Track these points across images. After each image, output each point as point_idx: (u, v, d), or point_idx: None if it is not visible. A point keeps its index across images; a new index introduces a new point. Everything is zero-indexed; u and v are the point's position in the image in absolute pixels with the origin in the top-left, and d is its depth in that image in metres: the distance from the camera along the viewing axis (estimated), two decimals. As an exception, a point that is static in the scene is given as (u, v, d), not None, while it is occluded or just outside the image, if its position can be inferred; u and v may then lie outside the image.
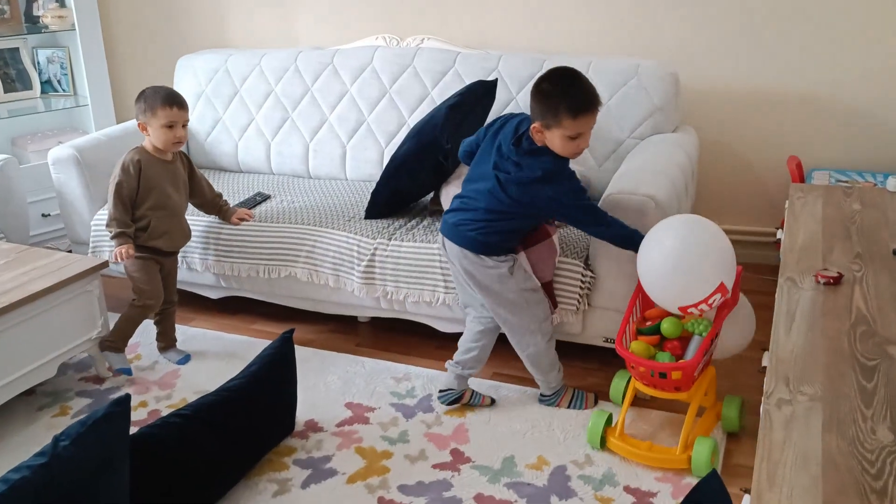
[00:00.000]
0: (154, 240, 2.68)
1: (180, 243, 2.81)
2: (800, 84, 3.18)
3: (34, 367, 2.47)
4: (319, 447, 2.34)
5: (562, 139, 2.12)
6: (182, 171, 2.76)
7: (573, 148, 2.15)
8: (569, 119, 2.09)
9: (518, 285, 2.32)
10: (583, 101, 2.11)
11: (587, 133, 2.14)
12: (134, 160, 2.62)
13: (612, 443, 2.25)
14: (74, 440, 1.68)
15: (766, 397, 1.53)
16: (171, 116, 2.59)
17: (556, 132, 2.11)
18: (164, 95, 2.61)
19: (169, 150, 2.66)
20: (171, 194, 2.69)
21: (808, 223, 2.36)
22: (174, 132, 2.61)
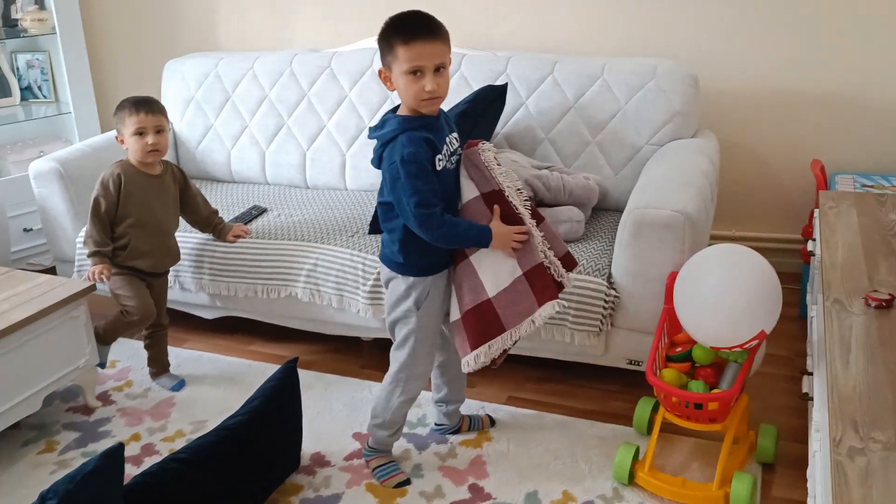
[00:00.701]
0: (133, 260, 2.52)
1: (165, 264, 2.63)
2: (822, 84, 3.04)
3: (17, 401, 2.29)
4: (328, 484, 2.17)
5: (403, 78, 1.82)
6: (171, 186, 2.59)
7: (417, 89, 1.82)
8: (402, 47, 1.80)
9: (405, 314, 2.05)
10: (415, 25, 1.83)
11: (428, 69, 1.81)
12: (114, 175, 2.46)
13: (641, 479, 2.09)
14: (62, 498, 1.52)
15: (834, 445, 1.38)
16: (140, 122, 2.42)
17: (395, 70, 1.84)
18: (132, 101, 2.46)
19: (144, 159, 2.47)
20: (155, 211, 2.52)
21: (845, 236, 2.22)
22: (145, 139, 2.43)
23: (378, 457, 2.21)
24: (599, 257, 2.45)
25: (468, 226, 1.93)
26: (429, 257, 1.99)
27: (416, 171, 1.85)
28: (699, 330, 1.98)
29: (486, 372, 2.64)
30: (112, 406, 2.58)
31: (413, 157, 1.85)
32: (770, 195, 3.23)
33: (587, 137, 2.86)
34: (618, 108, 2.82)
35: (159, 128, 2.46)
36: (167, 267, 2.65)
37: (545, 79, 2.89)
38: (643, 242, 2.25)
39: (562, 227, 2.55)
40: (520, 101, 2.91)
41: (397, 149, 1.87)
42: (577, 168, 2.85)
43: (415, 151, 1.85)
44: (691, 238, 2.24)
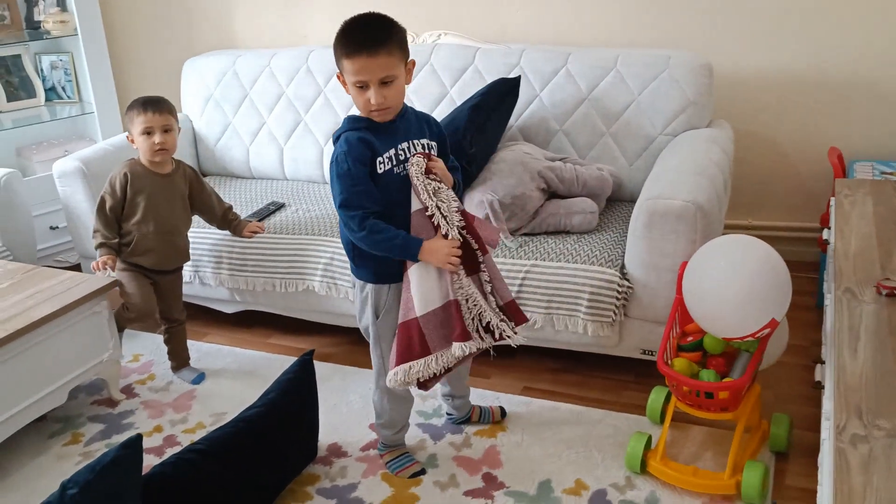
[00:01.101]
0: (137, 256, 2.55)
1: (171, 262, 2.64)
2: (840, 71, 3.00)
3: (44, 394, 2.35)
4: (344, 474, 2.21)
5: (352, 89, 1.84)
6: (181, 185, 2.60)
7: (364, 101, 1.83)
8: (345, 60, 1.80)
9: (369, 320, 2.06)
10: (360, 38, 1.79)
11: (373, 82, 1.79)
12: (121, 175, 2.50)
13: (653, 467, 2.10)
14: (83, 488, 1.57)
15: (837, 433, 1.39)
16: (148, 121, 2.45)
17: (345, 77, 1.85)
18: (141, 101, 2.49)
19: (151, 158, 2.50)
20: (161, 210, 2.54)
21: (859, 225, 2.21)
22: (152, 139, 2.46)
23: (391, 450, 2.24)
24: (613, 248, 2.45)
25: (395, 234, 1.87)
26: (379, 264, 1.95)
27: (344, 171, 1.85)
28: (708, 321, 1.98)
29: (500, 362, 2.68)
30: (135, 399, 2.64)
31: (344, 157, 1.85)
32: (787, 184, 3.21)
33: (601, 129, 2.86)
34: (631, 99, 2.82)
35: (167, 127, 2.48)
36: (173, 265, 2.66)
37: (559, 71, 2.90)
38: (655, 233, 2.26)
39: (575, 218, 2.56)
40: (534, 94, 2.92)
41: (335, 148, 1.90)
42: (591, 159, 2.86)
43: (347, 151, 1.85)
44: (703, 228, 2.24)
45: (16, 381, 2.26)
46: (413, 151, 1.92)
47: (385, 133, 1.90)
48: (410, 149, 1.92)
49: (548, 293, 2.39)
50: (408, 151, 1.92)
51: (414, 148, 1.92)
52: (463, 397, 2.35)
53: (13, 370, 2.25)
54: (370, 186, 1.87)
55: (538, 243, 2.52)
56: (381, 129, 1.90)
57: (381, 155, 1.88)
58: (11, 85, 3.69)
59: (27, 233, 3.07)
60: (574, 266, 2.38)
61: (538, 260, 2.43)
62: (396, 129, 1.92)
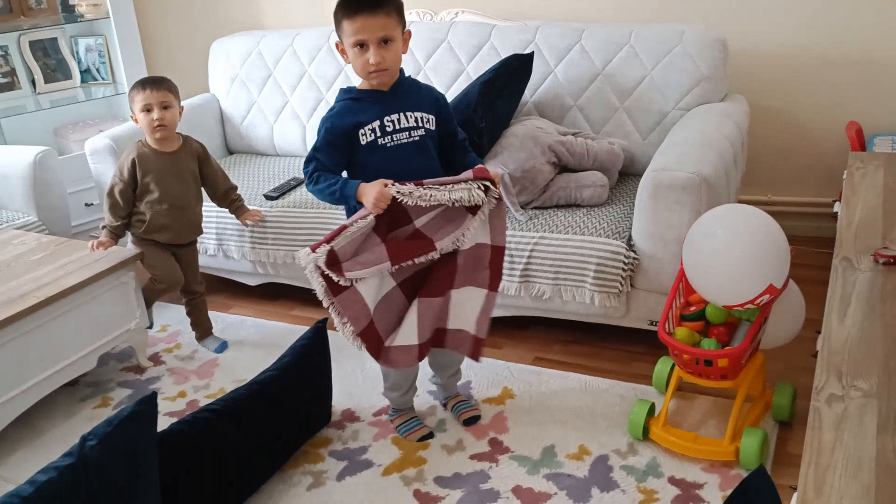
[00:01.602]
0: (153, 233, 2.65)
1: (185, 237, 2.72)
2: (858, 43, 2.98)
3: (75, 359, 2.48)
4: (356, 438, 2.30)
5: (351, 51, 1.91)
6: (189, 161, 2.66)
7: (363, 62, 1.90)
8: (346, 20, 1.88)
9: None
10: (354, 1, 1.88)
11: (373, 42, 1.87)
12: (129, 161, 2.59)
13: (655, 433, 2.15)
14: (101, 440, 1.66)
15: (815, 392, 1.43)
16: (146, 98, 2.52)
17: (345, 43, 1.92)
18: (140, 80, 2.56)
19: (152, 134, 2.57)
20: (172, 188, 2.62)
21: (867, 196, 2.21)
22: (151, 115, 2.53)
23: (400, 415, 2.32)
24: (621, 220, 2.49)
25: (334, 181, 1.96)
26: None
27: (321, 132, 1.99)
28: (707, 289, 2.01)
29: (513, 333, 2.75)
30: (162, 366, 2.76)
31: (323, 121, 1.99)
32: (806, 159, 3.19)
33: (615, 104, 2.88)
34: (645, 73, 2.83)
35: (165, 104, 2.54)
36: (187, 239, 2.73)
37: (573, 47, 2.93)
38: (660, 204, 2.29)
39: (586, 191, 2.60)
40: (548, 70, 2.95)
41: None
42: (605, 134, 2.89)
43: (327, 117, 1.98)
44: (709, 200, 2.26)
45: (49, 345, 2.39)
46: (410, 124, 1.98)
47: (372, 104, 1.97)
48: (400, 120, 1.97)
49: (555, 265, 2.44)
50: (397, 123, 1.97)
51: (406, 120, 1.98)
52: (444, 385, 2.38)
53: (46, 335, 2.38)
54: (333, 150, 1.98)
55: (548, 216, 2.57)
56: (369, 100, 1.97)
57: (364, 126, 1.95)
58: (49, 67, 3.83)
59: (62, 208, 3.20)
60: (581, 238, 2.42)
61: (546, 232, 2.47)
62: (386, 100, 1.97)
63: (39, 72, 3.78)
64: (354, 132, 1.95)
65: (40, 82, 3.79)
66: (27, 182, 3.08)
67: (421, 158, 1.98)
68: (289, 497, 2.08)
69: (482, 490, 2.05)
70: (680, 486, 2.01)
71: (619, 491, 2.02)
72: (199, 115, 3.50)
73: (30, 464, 2.28)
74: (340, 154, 1.98)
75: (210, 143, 3.49)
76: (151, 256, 2.67)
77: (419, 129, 1.99)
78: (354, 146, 1.96)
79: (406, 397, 2.31)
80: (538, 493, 2.03)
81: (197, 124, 3.45)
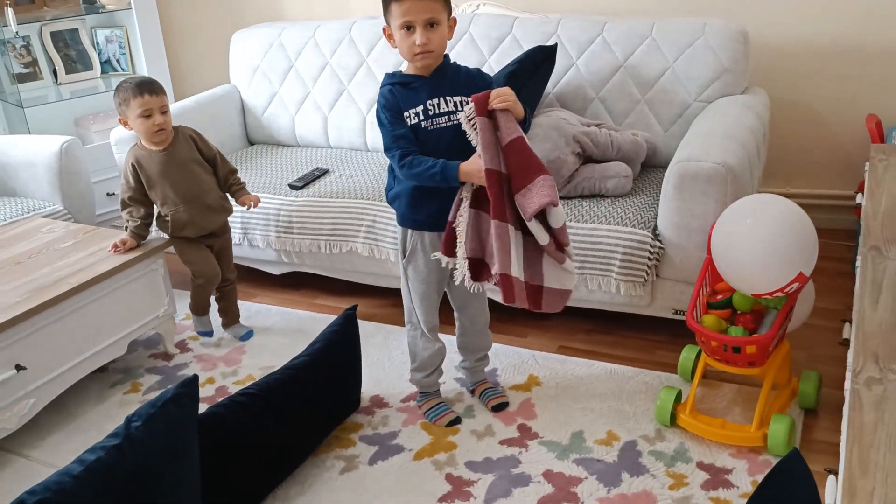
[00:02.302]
0: (179, 230, 2.63)
1: (211, 224, 2.68)
2: (878, 37, 3.00)
3: (105, 345, 2.51)
4: (386, 423, 2.33)
5: (398, 34, 1.96)
6: (186, 151, 2.61)
7: (410, 44, 1.95)
8: (395, 3, 1.93)
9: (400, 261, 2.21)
10: None
11: (420, 24, 1.92)
12: (129, 166, 2.58)
13: (682, 420, 2.18)
14: (146, 421, 1.70)
15: (854, 375, 1.46)
16: (146, 104, 2.49)
17: (392, 26, 1.97)
18: (135, 83, 2.51)
19: (151, 139, 2.54)
20: (178, 183, 2.58)
21: (891, 187, 2.24)
22: (152, 120, 2.50)
23: (428, 400, 2.35)
24: (646, 210, 2.52)
25: (433, 163, 1.97)
26: (410, 208, 2.10)
27: (381, 121, 2.04)
28: (737, 278, 2.04)
29: (537, 323, 2.78)
30: (189, 353, 2.79)
31: (380, 109, 2.04)
32: (825, 152, 3.22)
33: (637, 96, 2.91)
34: (666, 66, 2.86)
35: (164, 108, 2.53)
36: (215, 226, 2.69)
37: (595, 39, 2.95)
38: (686, 194, 2.32)
39: (610, 182, 2.63)
40: (570, 62, 2.98)
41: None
42: (626, 126, 2.91)
43: (382, 105, 2.03)
44: (734, 190, 2.29)
45: (82, 330, 2.43)
46: (449, 108, 2.02)
47: (416, 88, 2.01)
48: (440, 105, 2.02)
49: (581, 254, 2.47)
50: (437, 107, 2.02)
51: (446, 104, 2.02)
52: (471, 369, 2.42)
53: (80, 320, 2.42)
54: (407, 130, 2.01)
55: (573, 206, 2.59)
56: (412, 86, 2.02)
57: (408, 110, 2.01)
58: (69, 58, 3.86)
59: (87, 197, 3.23)
60: (607, 227, 2.45)
61: (572, 222, 2.50)
62: (428, 85, 2.02)
63: (61, 62, 3.81)
64: (401, 113, 2.02)
65: (61, 73, 3.82)
66: (53, 171, 3.11)
67: (456, 142, 2.01)
68: (322, 481, 2.11)
69: (513, 474, 2.08)
70: (709, 471, 2.05)
71: (649, 475, 2.05)
72: (221, 106, 3.52)
73: (64, 448, 2.32)
74: (408, 131, 2.02)
75: (231, 133, 3.54)
76: (186, 252, 2.68)
77: (458, 112, 2.02)
78: None
79: (431, 379, 2.35)
80: (569, 477, 2.06)
81: (218, 115, 3.49)
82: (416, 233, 2.14)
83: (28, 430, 2.35)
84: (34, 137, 3.29)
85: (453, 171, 1.96)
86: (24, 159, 3.18)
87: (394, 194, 2.14)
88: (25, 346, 2.26)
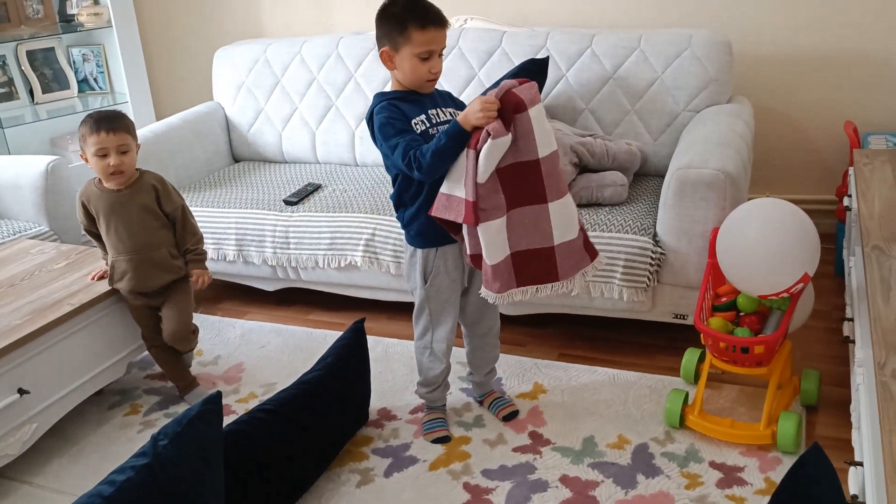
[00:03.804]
0: (117, 282, 2.40)
1: (152, 282, 2.39)
2: (853, 46, 3.12)
3: (106, 366, 2.47)
4: (396, 435, 2.33)
5: (412, 60, 1.96)
6: (145, 199, 2.36)
7: (424, 71, 1.97)
8: (418, 31, 1.93)
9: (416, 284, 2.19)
10: (430, 13, 1.96)
11: (437, 54, 1.98)
12: (79, 205, 2.40)
13: (692, 421, 2.22)
14: (173, 439, 1.68)
15: (878, 368, 1.51)
16: (101, 142, 2.25)
17: (405, 51, 1.96)
18: (96, 118, 2.27)
19: (107, 182, 2.32)
20: (121, 230, 2.34)
21: (881, 189, 2.33)
22: (107, 160, 2.26)
23: (429, 412, 2.37)
24: (644, 217, 2.57)
25: (437, 139, 1.92)
26: (424, 226, 2.07)
27: (383, 125, 1.98)
28: (744, 280, 2.10)
29: (535, 331, 2.81)
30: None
31: (383, 119, 1.98)
32: (803, 158, 3.33)
33: (626, 106, 2.97)
34: (655, 76, 2.93)
35: (123, 147, 2.28)
36: (156, 284, 2.40)
37: (584, 52, 3.01)
38: (686, 200, 2.38)
39: (607, 190, 2.68)
40: (560, 74, 3.03)
41: (374, 121, 2.02)
42: (617, 136, 2.97)
43: (384, 115, 1.98)
44: (732, 195, 2.36)
45: (82, 352, 2.38)
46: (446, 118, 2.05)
47: (412, 103, 2.04)
48: (439, 114, 2.06)
49: (584, 261, 2.50)
50: (438, 116, 2.06)
51: (443, 114, 2.06)
52: (480, 383, 2.43)
53: (80, 342, 2.37)
54: (404, 125, 1.98)
55: (572, 215, 2.63)
56: (409, 100, 2.04)
57: (415, 118, 2.03)
58: (46, 77, 3.80)
59: (73, 218, 3.16)
60: (609, 235, 2.50)
61: (574, 230, 2.54)
62: (422, 99, 2.06)
63: (37, 82, 3.75)
64: (408, 122, 2.02)
65: (38, 92, 3.75)
66: (38, 192, 3.05)
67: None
68: (340, 495, 2.10)
69: (531, 480, 2.10)
70: (722, 470, 2.09)
71: (664, 476, 2.08)
72: (205, 123, 3.50)
73: (67, 473, 2.27)
74: (411, 128, 2.00)
75: (216, 150, 3.52)
76: (130, 310, 2.47)
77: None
78: None
79: (436, 394, 2.35)
80: (586, 481, 2.09)
81: (202, 132, 3.46)
82: (439, 254, 2.13)
83: (28, 456, 2.29)
84: (17, 158, 3.23)
85: (454, 125, 1.91)
86: (8, 180, 3.11)
87: (411, 215, 2.10)
88: (27, 369, 2.21)
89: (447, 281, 2.15)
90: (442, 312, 2.19)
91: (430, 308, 2.19)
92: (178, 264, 2.44)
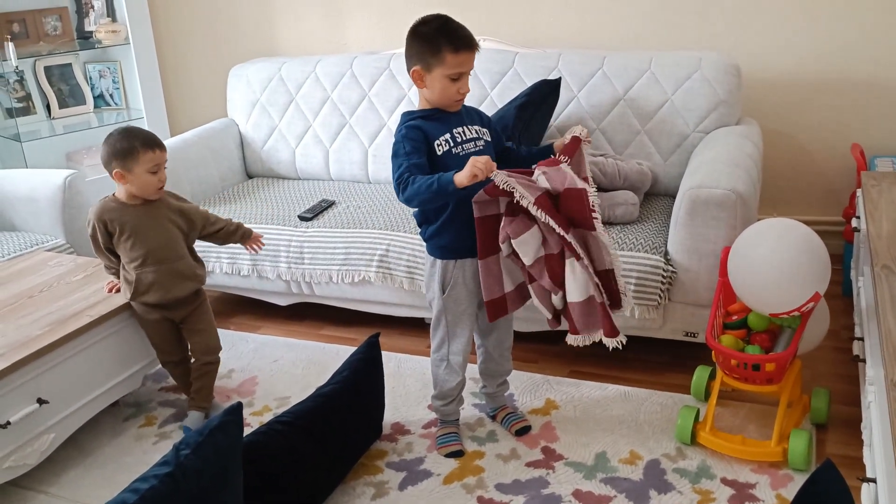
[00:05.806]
0: (142, 295, 2.41)
1: (178, 291, 2.43)
2: (860, 70, 3.17)
3: (123, 377, 2.50)
4: (410, 449, 2.35)
5: (442, 80, 2.03)
6: (170, 209, 2.43)
7: (453, 91, 2.05)
8: (451, 54, 1.99)
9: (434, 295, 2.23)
10: (463, 37, 2.03)
11: (467, 76, 2.05)
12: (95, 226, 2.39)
13: (703, 437, 2.25)
14: (195, 449, 1.70)
15: (891, 385, 1.53)
16: (156, 159, 2.34)
17: (437, 72, 2.02)
18: (144, 138, 2.34)
19: (152, 196, 2.38)
20: (150, 241, 2.38)
21: (889, 211, 2.36)
22: (158, 176, 2.36)
23: (443, 427, 2.39)
24: (655, 236, 2.61)
25: (430, 179, 1.98)
26: (444, 237, 2.14)
27: (401, 138, 2.06)
28: (756, 299, 2.13)
29: (546, 348, 2.84)
30: (201, 385, 2.77)
31: (401, 140, 2.06)
32: (810, 179, 3.36)
33: (637, 127, 3.02)
34: (665, 98, 2.98)
35: (166, 163, 2.41)
36: (181, 294, 2.44)
37: (595, 73, 3.06)
38: (698, 220, 2.42)
39: (619, 209, 2.71)
40: (571, 95, 3.08)
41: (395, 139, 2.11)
42: (627, 156, 3.01)
43: (404, 136, 2.06)
44: (743, 215, 2.40)
45: (100, 363, 2.41)
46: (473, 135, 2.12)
47: (438, 121, 2.10)
48: (465, 132, 2.12)
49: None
50: (463, 135, 2.11)
51: (469, 132, 2.12)
52: (492, 394, 2.46)
53: (98, 353, 2.40)
54: (424, 162, 2.04)
55: (584, 233, 2.67)
56: (434, 118, 2.10)
57: (438, 138, 2.08)
58: (62, 93, 3.85)
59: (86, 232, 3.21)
60: (621, 253, 2.53)
61: (587, 248, 2.57)
62: (449, 117, 2.11)
63: (54, 97, 3.80)
64: (431, 143, 2.07)
65: (55, 107, 3.81)
66: (55, 205, 3.09)
67: None
68: (355, 507, 2.12)
69: (544, 495, 2.12)
70: (733, 487, 2.11)
71: (676, 492, 2.10)
72: (219, 139, 3.55)
73: (83, 483, 2.29)
74: (425, 156, 2.06)
75: (230, 166, 3.57)
76: (145, 324, 2.48)
77: (480, 139, 2.14)
78: (432, 156, 2.07)
79: (450, 407, 2.38)
80: (598, 496, 2.11)
81: (217, 148, 3.51)
82: (458, 265, 2.17)
83: (44, 466, 2.31)
84: (35, 172, 3.27)
85: (448, 176, 1.96)
86: (25, 194, 3.15)
87: (435, 229, 2.15)
88: (47, 379, 2.24)
89: (465, 292, 2.19)
90: (458, 324, 2.22)
91: (446, 319, 2.23)
92: (199, 273, 2.50)
